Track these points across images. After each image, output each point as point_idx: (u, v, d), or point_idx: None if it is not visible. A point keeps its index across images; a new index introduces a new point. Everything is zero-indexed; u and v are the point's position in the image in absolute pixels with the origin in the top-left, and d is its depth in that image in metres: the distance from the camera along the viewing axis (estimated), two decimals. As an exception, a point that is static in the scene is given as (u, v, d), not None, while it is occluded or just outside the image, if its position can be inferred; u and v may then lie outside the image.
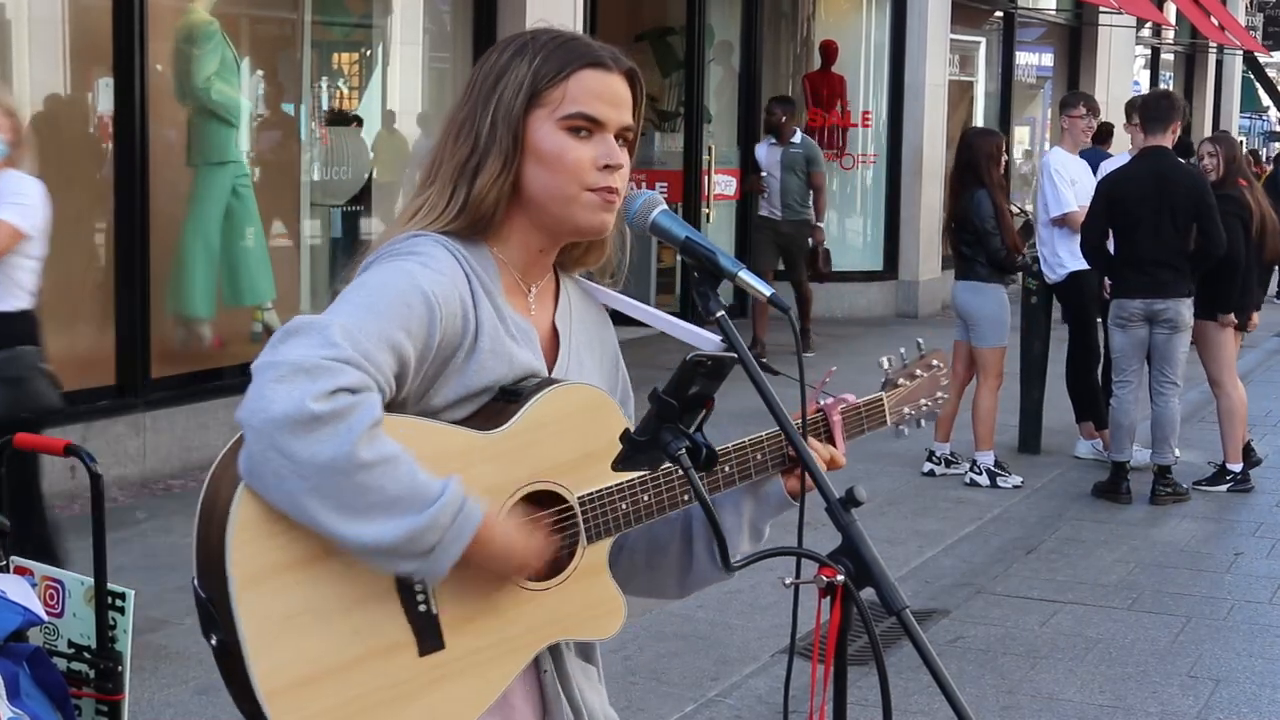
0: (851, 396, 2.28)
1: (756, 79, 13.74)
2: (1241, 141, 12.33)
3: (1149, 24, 21.70)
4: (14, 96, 5.76)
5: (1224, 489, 8.23)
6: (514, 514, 1.98)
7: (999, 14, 17.79)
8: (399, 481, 1.82)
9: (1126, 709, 5.11)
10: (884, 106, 15.02)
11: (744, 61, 13.95)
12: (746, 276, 1.96)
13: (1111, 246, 8.00)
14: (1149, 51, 24.57)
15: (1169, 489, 7.97)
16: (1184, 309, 7.83)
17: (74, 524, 6.31)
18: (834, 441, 2.23)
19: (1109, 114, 13.75)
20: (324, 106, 10.20)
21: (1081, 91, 12.31)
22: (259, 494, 1.82)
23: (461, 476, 1.88)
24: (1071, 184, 8.85)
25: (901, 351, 2.41)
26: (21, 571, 3.44)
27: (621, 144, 2.07)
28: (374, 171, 10.16)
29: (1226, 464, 8.31)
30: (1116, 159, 9.58)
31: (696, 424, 1.90)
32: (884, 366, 2.38)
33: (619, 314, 2.28)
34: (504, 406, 2.00)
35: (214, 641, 1.87)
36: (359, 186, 10.03)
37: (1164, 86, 22.50)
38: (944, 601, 6.22)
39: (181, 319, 8.44)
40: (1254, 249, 8.26)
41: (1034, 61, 19.69)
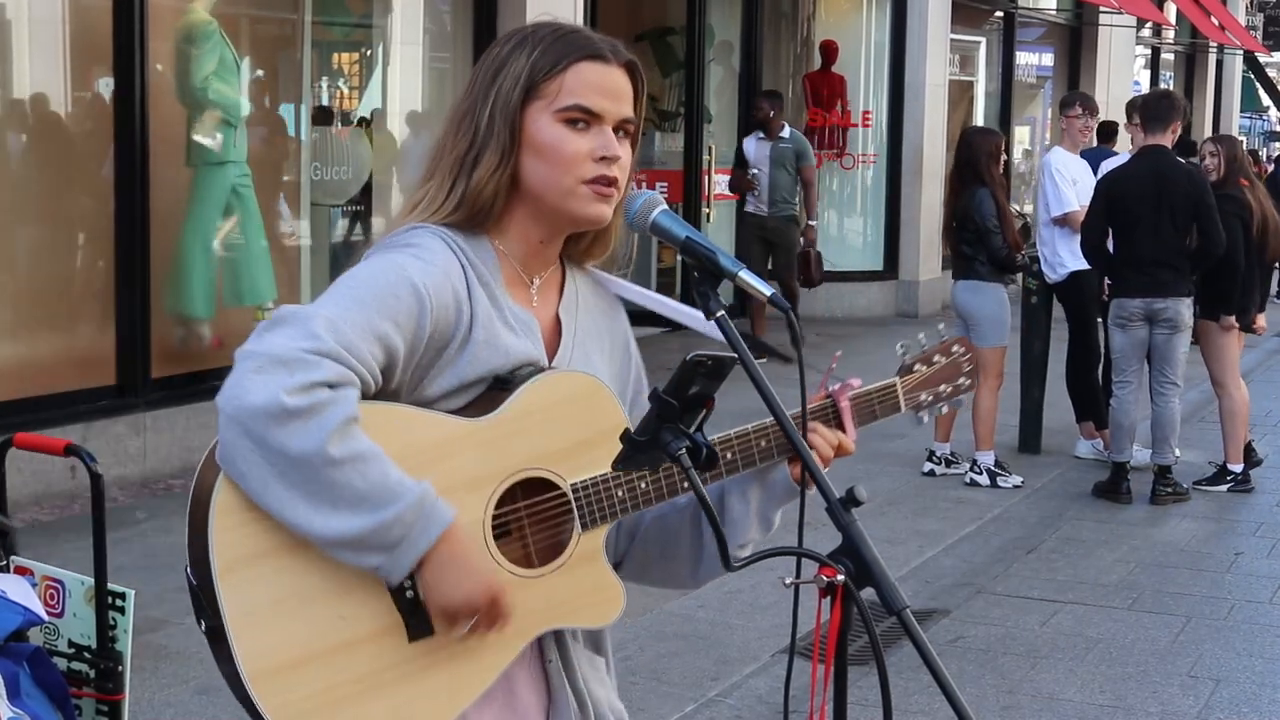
0: (858, 381, 2.25)
1: (756, 79, 13.72)
2: (1241, 141, 12.26)
3: (1149, 24, 21.69)
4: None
5: (1224, 489, 8.23)
6: (501, 503, 1.99)
7: (999, 14, 17.78)
8: (368, 479, 1.84)
9: (1127, 709, 5.11)
10: (884, 106, 15.01)
11: (744, 61, 13.94)
12: (746, 276, 1.97)
13: (1111, 246, 8.00)
14: (1149, 51, 24.57)
15: (1169, 489, 7.97)
16: (1184, 308, 7.83)
17: (74, 524, 6.32)
18: (844, 427, 2.20)
19: (1109, 114, 13.74)
20: (324, 106, 10.19)
21: (1080, 91, 12.31)
22: (234, 481, 1.85)
23: (442, 465, 1.90)
24: (1073, 183, 8.85)
25: (920, 337, 2.36)
26: (22, 571, 3.44)
27: (622, 136, 2.07)
28: (374, 171, 10.15)
29: (1227, 464, 8.30)
30: (1118, 158, 9.58)
31: (697, 424, 1.90)
32: (900, 353, 2.34)
33: (630, 312, 2.28)
34: (496, 395, 2.00)
35: (203, 627, 1.90)
36: (359, 186, 10.02)
37: (1164, 86, 22.50)
38: (944, 601, 6.22)
39: (182, 319, 8.42)
40: (1255, 249, 8.26)
41: (1034, 61, 19.68)
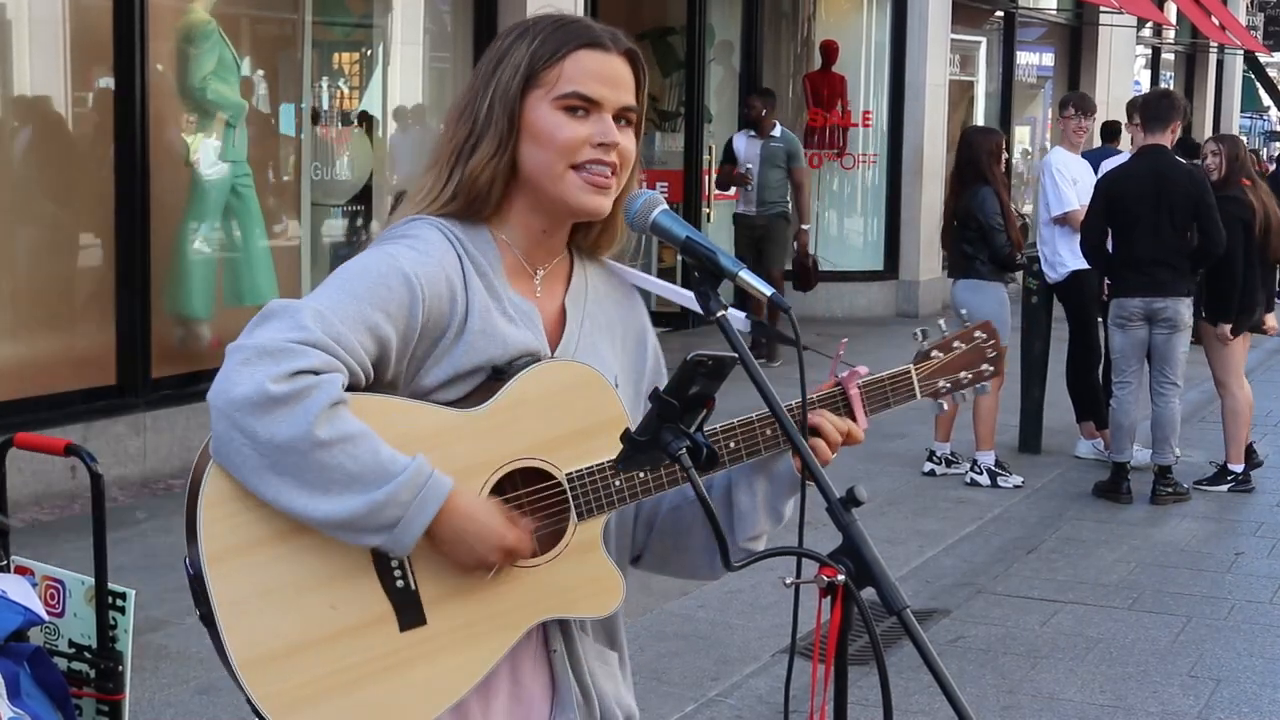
0: (864, 369, 2.21)
1: (757, 79, 13.72)
2: (1244, 141, 12.24)
3: (1150, 24, 21.70)
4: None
5: (1225, 489, 8.23)
6: (496, 492, 1.98)
7: (999, 14, 17.78)
8: (358, 459, 1.85)
9: (1127, 709, 5.11)
10: (884, 106, 15.01)
11: (744, 61, 13.94)
12: (747, 276, 1.96)
13: (1110, 246, 8.00)
14: (1149, 51, 24.57)
15: (1170, 489, 7.97)
16: (1183, 308, 7.82)
17: (74, 524, 6.33)
18: (853, 415, 2.17)
19: (1109, 114, 13.74)
20: (324, 106, 10.19)
21: (1077, 92, 12.29)
22: (228, 473, 1.87)
23: (433, 456, 1.91)
24: (1073, 183, 8.85)
25: (941, 324, 2.30)
26: (22, 571, 3.44)
27: (624, 125, 2.07)
28: (374, 171, 10.15)
29: (1228, 464, 8.30)
30: (1118, 158, 9.58)
31: (697, 424, 1.90)
32: (917, 339, 2.29)
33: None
34: (493, 386, 2.01)
35: (199, 614, 1.93)
36: (359, 186, 10.03)
37: (1164, 86, 22.49)
38: (944, 601, 6.22)
39: (182, 319, 8.42)
40: (1259, 249, 8.22)
41: (1034, 61, 19.68)
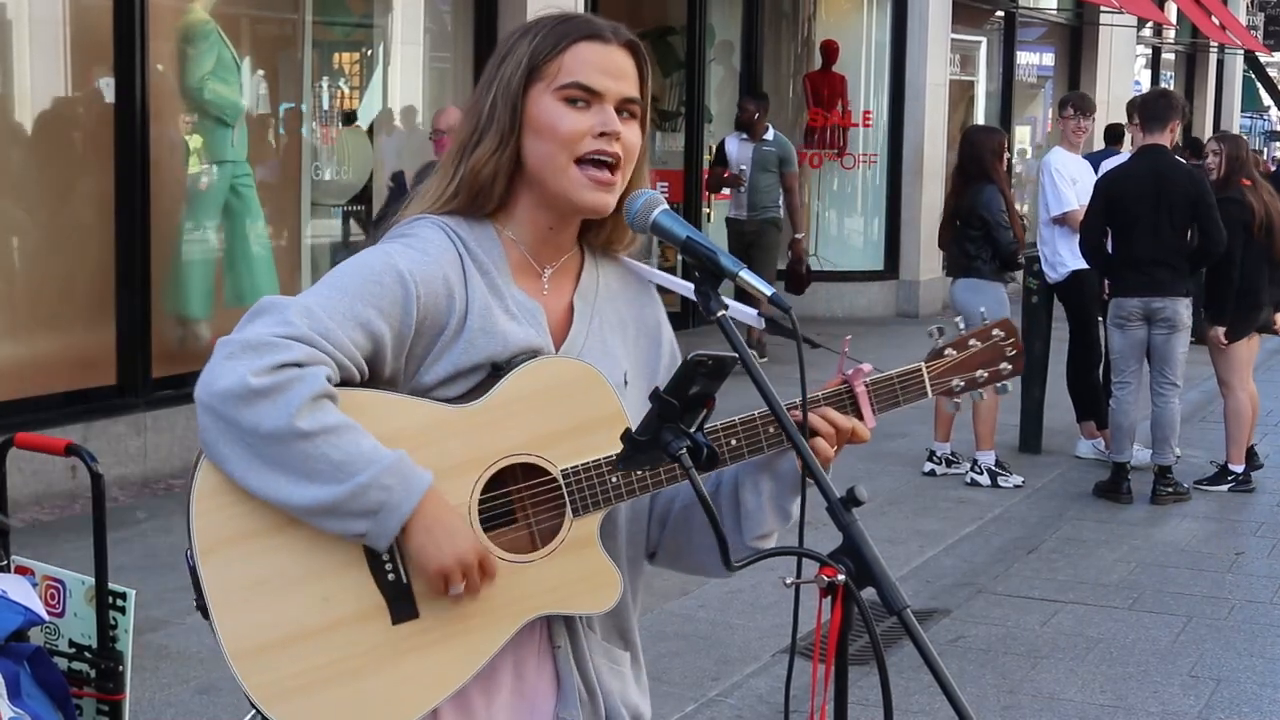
0: (869, 367, 2.18)
1: (757, 79, 13.73)
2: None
3: (1150, 23, 21.70)
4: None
5: (1225, 489, 8.22)
6: (493, 487, 1.99)
7: (1000, 14, 17.78)
8: (341, 448, 1.87)
9: (1127, 709, 5.11)
10: (885, 106, 15.02)
11: (744, 61, 13.94)
12: (747, 276, 1.96)
13: (1110, 246, 7.99)
14: (1150, 51, 24.57)
15: (1170, 489, 7.97)
16: (1182, 308, 7.81)
17: (74, 524, 6.33)
18: (859, 413, 2.13)
19: (1110, 114, 13.74)
20: (325, 106, 10.19)
21: (1077, 92, 12.26)
22: (218, 465, 1.90)
23: (427, 450, 1.93)
24: (1072, 183, 8.85)
25: (957, 320, 2.25)
26: (22, 571, 3.44)
27: (627, 117, 2.07)
28: (374, 171, 10.15)
29: (1229, 464, 8.30)
30: (1118, 158, 9.57)
31: (698, 423, 1.90)
32: (933, 337, 2.23)
33: None
34: (492, 382, 2.01)
35: (196, 606, 1.97)
36: (360, 186, 10.03)
37: (1164, 86, 22.50)
38: (945, 601, 6.22)
39: (182, 319, 8.43)
40: (1261, 248, 8.19)
41: (1035, 61, 19.68)
